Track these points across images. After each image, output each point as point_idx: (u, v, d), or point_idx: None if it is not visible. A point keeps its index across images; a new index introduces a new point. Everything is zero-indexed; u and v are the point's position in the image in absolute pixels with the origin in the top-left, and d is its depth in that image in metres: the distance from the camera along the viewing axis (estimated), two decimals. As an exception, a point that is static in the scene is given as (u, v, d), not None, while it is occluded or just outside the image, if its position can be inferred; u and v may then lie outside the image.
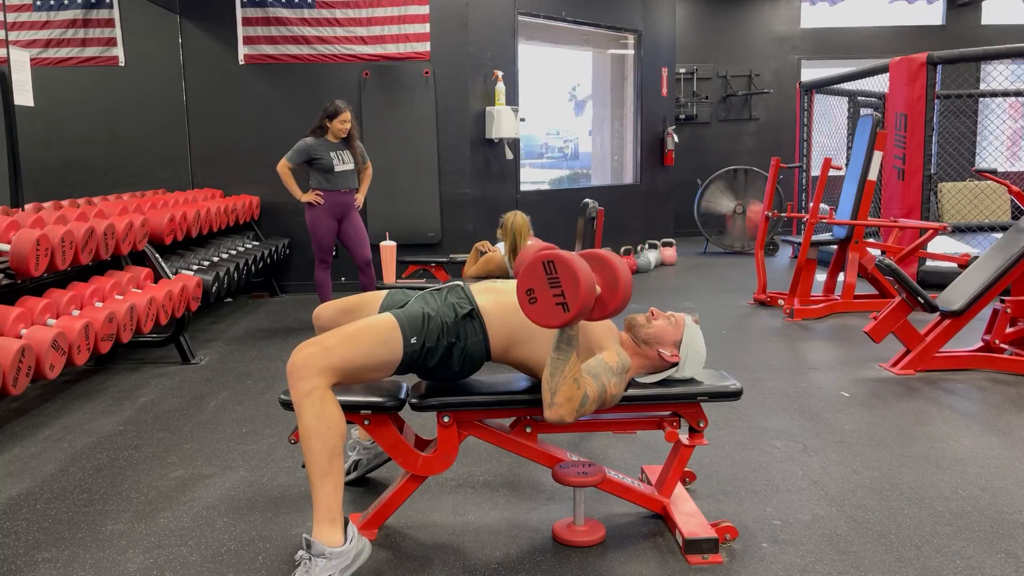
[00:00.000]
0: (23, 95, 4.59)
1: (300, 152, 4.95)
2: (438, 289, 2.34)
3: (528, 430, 2.34)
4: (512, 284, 2.34)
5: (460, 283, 2.34)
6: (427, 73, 6.60)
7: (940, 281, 5.45)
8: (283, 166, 4.97)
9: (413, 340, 2.14)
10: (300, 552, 2.00)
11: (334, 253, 5.20)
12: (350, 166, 5.06)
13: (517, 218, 4.42)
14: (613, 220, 7.20)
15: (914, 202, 6.43)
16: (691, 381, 2.32)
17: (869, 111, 7.53)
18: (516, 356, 2.24)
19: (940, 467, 2.82)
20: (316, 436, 2.01)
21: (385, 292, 2.45)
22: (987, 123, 8.75)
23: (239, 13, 6.48)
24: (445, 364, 2.20)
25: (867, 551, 2.22)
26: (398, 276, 5.04)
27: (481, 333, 2.20)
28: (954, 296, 4.07)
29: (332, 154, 4.97)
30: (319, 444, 2.01)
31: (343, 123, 4.95)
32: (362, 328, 2.14)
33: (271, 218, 6.70)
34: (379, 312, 2.30)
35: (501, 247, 4.59)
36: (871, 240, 6.21)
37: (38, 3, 6.04)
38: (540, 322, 1.98)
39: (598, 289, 2.02)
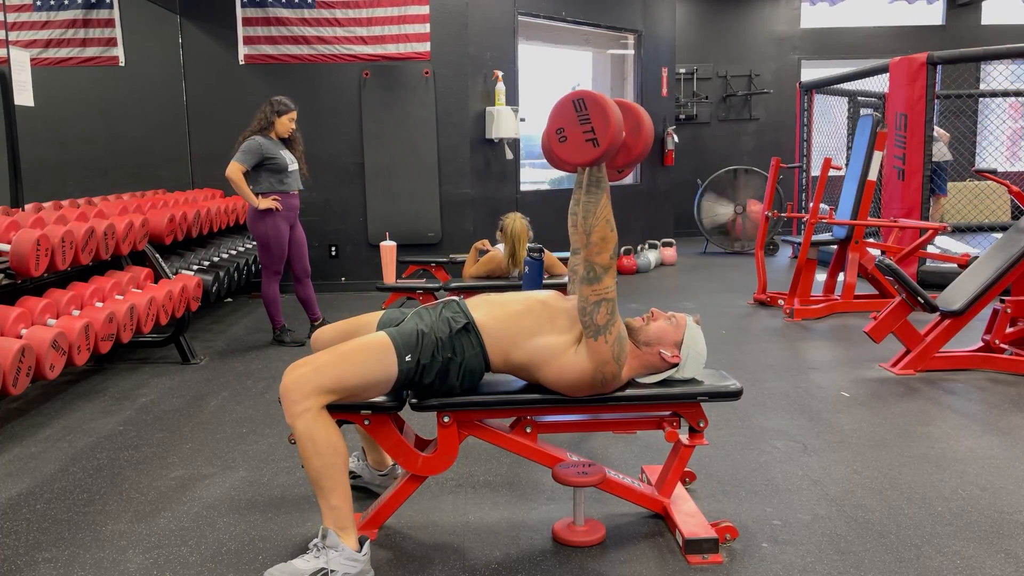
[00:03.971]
0: (23, 95, 4.59)
1: (253, 153, 4.54)
2: (433, 306, 2.33)
3: (528, 430, 2.34)
4: (509, 295, 2.34)
5: (455, 299, 2.33)
6: (427, 73, 6.60)
7: (940, 281, 5.45)
8: (236, 170, 4.51)
9: (408, 358, 2.13)
10: (314, 540, 2.04)
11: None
12: (296, 165, 4.77)
13: (517, 223, 4.43)
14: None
15: (914, 202, 6.43)
16: (691, 381, 2.31)
17: (869, 111, 7.54)
18: (516, 360, 2.22)
19: (940, 467, 2.82)
20: (313, 456, 2.02)
21: (381, 312, 2.44)
22: (987, 123, 8.75)
23: (239, 13, 6.48)
24: (443, 380, 2.19)
25: (867, 551, 2.22)
26: (398, 276, 5.02)
27: (478, 346, 2.19)
28: (954, 296, 4.07)
29: (283, 153, 4.66)
30: (317, 463, 2.02)
31: (291, 121, 4.65)
32: (355, 347, 2.12)
33: (271, 218, 6.69)
34: (376, 331, 2.30)
35: (501, 248, 4.59)
36: (871, 240, 6.21)
37: (38, 3, 6.04)
38: (571, 159, 2.02)
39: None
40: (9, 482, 2.81)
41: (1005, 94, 8.74)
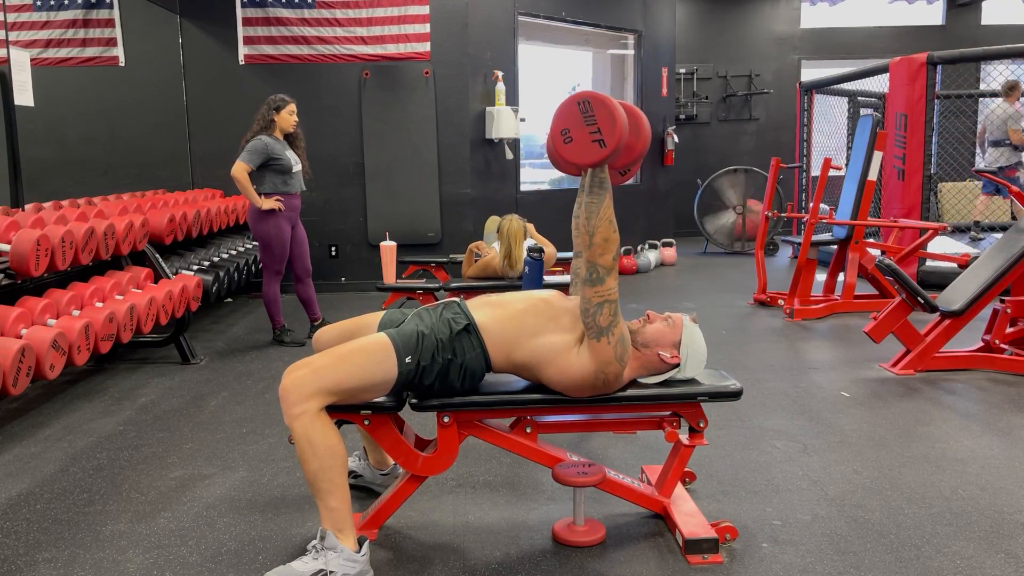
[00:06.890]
0: (23, 95, 4.59)
1: (259, 153, 4.50)
2: (434, 306, 2.33)
3: (528, 430, 2.33)
4: (511, 294, 2.34)
5: (456, 299, 2.33)
6: (427, 73, 6.60)
7: (940, 281, 5.45)
8: (241, 170, 4.46)
9: (408, 359, 2.12)
10: (312, 542, 2.04)
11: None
12: (300, 166, 4.75)
13: (513, 223, 4.43)
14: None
15: (914, 202, 6.43)
16: (691, 381, 2.31)
17: (869, 111, 7.53)
18: (518, 359, 2.22)
19: (940, 467, 2.82)
20: (311, 458, 2.02)
21: (382, 313, 2.43)
22: (987, 123, 8.73)
23: (239, 13, 6.48)
24: (444, 381, 2.18)
25: (867, 551, 2.22)
26: (398, 276, 5.02)
27: (479, 347, 2.19)
28: (954, 296, 4.07)
29: (288, 153, 4.62)
30: (315, 465, 2.02)
31: (292, 114, 4.59)
32: (354, 349, 2.12)
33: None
34: (376, 332, 2.29)
35: (497, 247, 4.59)
36: (871, 240, 6.21)
37: (38, 3, 6.04)
38: (577, 160, 2.05)
39: None
40: (9, 482, 2.81)
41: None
